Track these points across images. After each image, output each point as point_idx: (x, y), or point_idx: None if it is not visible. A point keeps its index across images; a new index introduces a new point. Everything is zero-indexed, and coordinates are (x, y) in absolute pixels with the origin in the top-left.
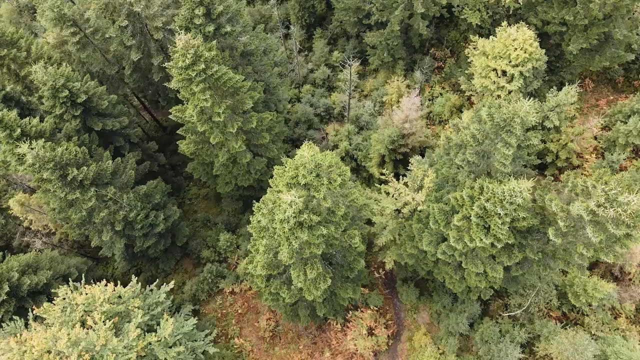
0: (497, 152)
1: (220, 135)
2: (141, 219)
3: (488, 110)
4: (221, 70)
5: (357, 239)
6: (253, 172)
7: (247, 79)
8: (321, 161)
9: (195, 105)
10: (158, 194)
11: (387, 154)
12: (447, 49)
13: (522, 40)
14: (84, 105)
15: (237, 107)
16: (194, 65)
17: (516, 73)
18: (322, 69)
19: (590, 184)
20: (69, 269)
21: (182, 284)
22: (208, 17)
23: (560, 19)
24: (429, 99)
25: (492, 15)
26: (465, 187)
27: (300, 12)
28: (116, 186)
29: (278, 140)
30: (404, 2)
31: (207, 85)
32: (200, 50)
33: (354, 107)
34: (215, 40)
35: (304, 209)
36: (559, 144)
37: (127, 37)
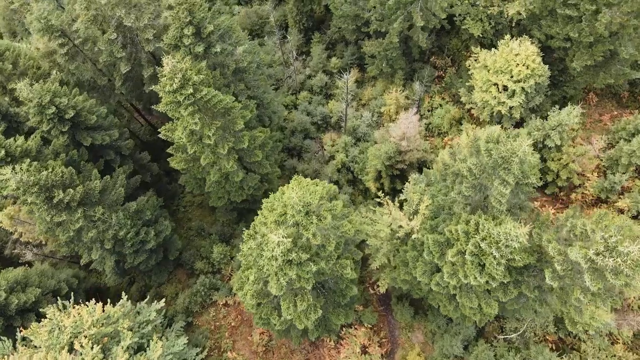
0: (494, 188)
1: (211, 155)
2: (131, 237)
3: (486, 145)
4: (210, 93)
5: (349, 269)
6: (246, 189)
7: (239, 96)
8: (310, 199)
9: (184, 127)
10: (149, 210)
11: (384, 169)
12: (447, 58)
13: (525, 56)
14: (72, 120)
15: (228, 127)
16: (182, 89)
17: (518, 89)
18: (319, 76)
19: (590, 228)
20: (59, 283)
21: (175, 294)
22: (198, 36)
23: (565, 35)
24: (428, 109)
25: (495, 25)
26: (461, 221)
27: (298, 16)
28: (105, 205)
29: (272, 155)
30: (403, 14)
31: (197, 108)
32: (189, 74)
33: (351, 118)
34: (205, 61)
35: (292, 247)
36: (560, 163)
37: (117, 48)
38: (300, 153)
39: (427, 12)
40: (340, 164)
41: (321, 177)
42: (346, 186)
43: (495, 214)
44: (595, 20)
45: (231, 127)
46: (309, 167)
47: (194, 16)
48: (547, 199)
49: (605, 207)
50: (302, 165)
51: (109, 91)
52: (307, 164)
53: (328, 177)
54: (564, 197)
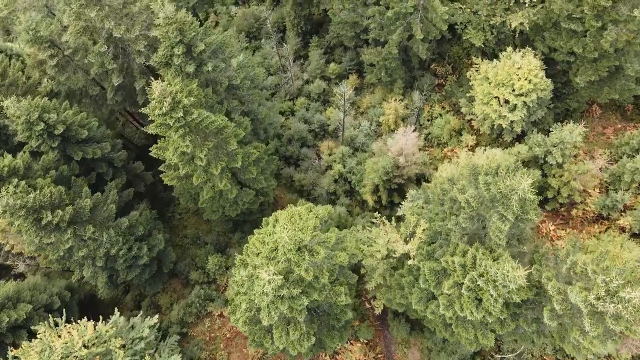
0: (492, 223)
1: (204, 174)
2: (123, 254)
3: (484, 178)
4: (202, 115)
5: (343, 296)
6: (240, 204)
7: (233, 113)
8: (302, 235)
9: (175, 148)
10: (141, 225)
11: (382, 183)
12: (448, 65)
13: (527, 70)
14: (63, 135)
15: (221, 146)
16: (171, 112)
17: (519, 103)
18: (317, 82)
19: (591, 269)
20: (51, 298)
21: (170, 304)
22: (189, 55)
23: (569, 49)
24: (427, 119)
25: (497, 35)
26: (457, 251)
27: (295, 20)
28: (96, 222)
29: (267, 169)
30: (402, 25)
31: (187, 129)
32: (179, 96)
33: (349, 127)
34: (196, 79)
35: (284, 283)
36: (561, 180)
37: (108, 59)
38: (297, 162)
39: (427, 24)
40: (337, 174)
41: (318, 188)
42: (343, 197)
43: (493, 246)
44: (601, 37)
45: (224, 147)
46: (306, 177)
47: (185, 35)
48: (547, 214)
49: (607, 224)
50: (299, 175)
51: (101, 100)
52: (304, 174)
53: (324, 189)
54: (565, 213)
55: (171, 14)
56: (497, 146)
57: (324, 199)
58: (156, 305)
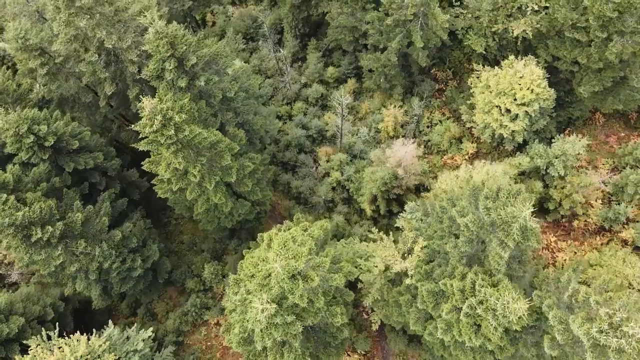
0: (492, 249)
1: (198, 189)
2: (117, 267)
3: (485, 202)
4: (194, 131)
5: (339, 317)
6: (236, 215)
7: (227, 125)
8: (296, 263)
9: (167, 164)
10: (135, 237)
11: (380, 193)
12: (449, 70)
13: (530, 79)
14: (54, 146)
15: (215, 160)
16: (163, 130)
17: (521, 113)
18: (315, 87)
19: (594, 300)
20: (45, 309)
21: (166, 312)
22: (181, 69)
23: (572, 59)
24: (427, 125)
25: (499, 41)
26: (456, 274)
27: (293, 22)
28: (88, 236)
29: (263, 179)
30: (402, 32)
31: (179, 146)
32: (170, 114)
33: (347, 134)
34: (189, 93)
35: (277, 310)
36: (563, 192)
37: (99, 68)
38: (294, 168)
39: (427, 31)
40: (335, 182)
41: (315, 196)
42: (341, 205)
43: (493, 270)
44: (606, 48)
45: (218, 161)
46: (303, 185)
47: (176, 49)
48: (548, 225)
49: (609, 236)
50: (296, 182)
51: (94, 106)
52: (301, 181)
53: (322, 198)
54: (566, 224)
55: (162, 29)
56: (497, 154)
57: (322, 207)
58: (152, 313)
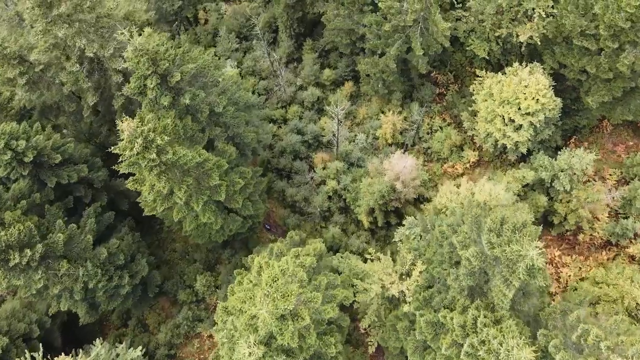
0: (496, 287)
1: (185, 209)
2: (103, 286)
3: (488, 235)
4: (178, 153)
5: (333, 348)
6: (227, 230)
7: (216, 141)
8: (285, 304)
9: (151, 186)
10: (122, 254)
11: (377, 206)
12: (450, 74)
13: (535, 89)
14: (34, 160)
15: (203, 179)
16: (144, 152)
17: (525, 123)
18: (311, 90)
19: (605, 346)
20: (30, 325)
21: (158, 324)
22: (164, 85)
23: (580, 68)
24: (427, 132)
25: (503, 45)
26: (457, 307)
27: (288, 22)
28: (72, 256)
29: (256, 192)
30: (401, 38)
31: (163, 168)
32: (151, 136)
33: (344, 141)
34: (173, 110)
35: (266, 351)
36: (569, 207)
37: (82, 77)
38: (289, 174)
39: (427, 37)
40: (331, 191)
41: (310, 206)
42: (337, 214)
43: (496, 306)
44: (617, 58)
45: (206, 181)
46: (298, 193)
47: (159, 65)
48: (552, 238)
49: (615, 250)
50: (291, 190)
51: (79, 114)
52: (297, 188)
53: (317, 209)
54: (571, 237)
55: (141, 45)
56: (500, 163)
57: (317, 217)
58: (144, 324)
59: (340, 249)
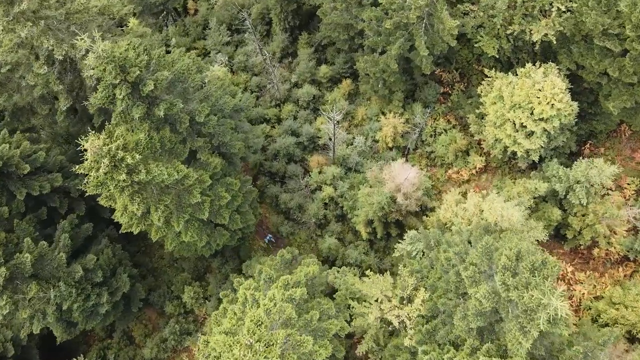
0: (510, 332)
1: (164, 228)
2: (79, 306)
3: (502, 275)
4: (152, 172)
5: None
6: (214, 245)
7: (198, 152)
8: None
9: (124, 207)
10: (101, 270)
11: (377, 218)
12: (455, 72)
13: (551, 93)
14: (1, 171)
15: (183, 196)
16: (113, 173)
17: (538, 130)
18: (306, 88)
19: None
20: (5, 344)
21: (144, 336)
22: (136, 95)
23: (601, 70)
24: (430, 134)
25: (514, 42)
26: (464, 350)
27: (282, 14)
28: (42, 276)
29: (245, 203)
30: (403, 36)
31: (137, 188)
32: (120, 154)
33: (341, 145)
34: (147, 122)
35: None
36: (584, 222)
37: (53, 79)
38: (283, 178)
39: (432, 35)
40: (327, 198)
41: (305, 214)
42: (334, 222)
43: (509, 352)
44: None
45: (187, 198)
46: (292, 199)
47: (129, 73)
48: (564, 252)
49: (633, 267)
50: (285, 196)
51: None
52: (291, 194)
53: (312, 220)
54: (585, 252)
55: (106, 52)
56: (508, 169)
57: (313, 225)
58: (129, 337)
59: (336, 260)
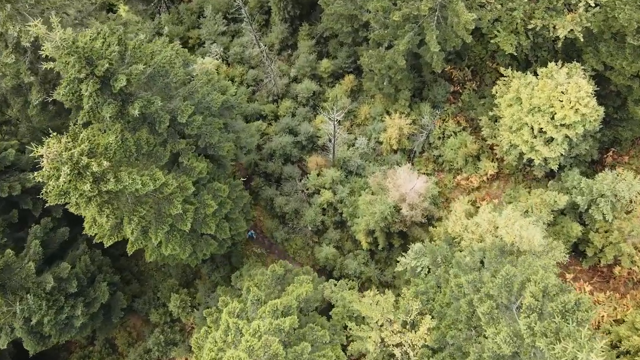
0: None
1: (142, 239)
2: (50, 320)
3: (526, 319)
4: (123, 181)
5: None
6: (200, 254)
7: (181, 156)
8: None
9: (92, 219)
10: (75, 280)
11: (378, 228)
12: (467, 69)
13: (576, 96)
14: None
15: (163, 205)
16: (76, 182)
17: (559, 136)
18: (306, 83)
19: None
20: None
21: (128, 345)
22: (106, 91)
23: (633, 73)
24: (439, 137)
25: (534, 39)
26: None
27: (281, 3)
28: (9, 287)
29: (235, 209)
30: (412, 30)
31: (106, 198)
32: (84, 161)
33: (342, 146)
34: (119, 123)
35: None
36: (607, 239)
37: (24, 70)
38: (279, 180)
39: (445, 29)
40: (326, 203)
41: (302, 220)
42: (332, 229)
43: None
44: None
45: (167, 208)
46: (288, 204)
47: (96, 66)
48: (582, 270)
49: None
50: (280, 199)
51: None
52: (286, 198)
53: (309, 228)
54: (605, 270)
55: (67, 41)
56: (522, 177)
57: (309, 232)
58: (112, 344)
59: (334, 270)
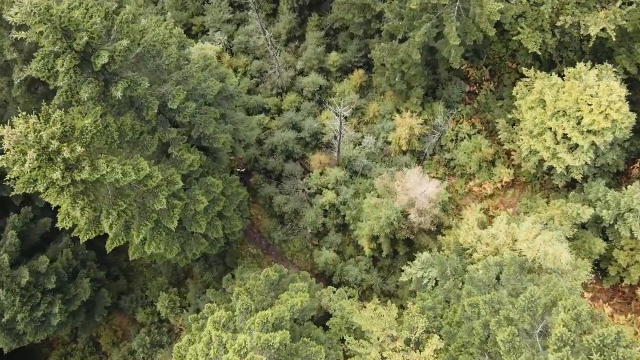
0: None
1: (123, 235)
2: (24, 317)
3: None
4: (100, 169)
5: None
6: (189, 254)
7: (171, 146)
8: None
9: (66, 212)
10: (54, 275)
11: (383, 234)
12: (485, 68)
13: (607, 100)
14: None
15: (148, 199)
16: (45, 168)
17: (585, 143)
18: (313, 76)
19: None
20: None
21: (112, 344)
22: (87, 69)
23: None
24: (451, 139)
25: (560, 37)
26: None
27: None
28: None
29: (230, 206)
30: (430, 20)
31: (80, 189)
32: (54, 145)
33: (347, 144)
34: (100, 105)
35: None
36: (632, 257)
37: (7, 45)
38: (279, 177)
39: (467, 21)
40: (328, 204)
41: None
42: (333, 232)
43: None
44: None
45: (150, 204)
46: (288, 203)
47: (75, 39)
48: (601, 289)
49: None
50: (280, 198)
51: None
52: (287, 197)
53: (309, 230)
54: (626, 290)
55: (38, 8)
56: (540, 185)
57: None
58: (96, 342)
59: (333, 276)
